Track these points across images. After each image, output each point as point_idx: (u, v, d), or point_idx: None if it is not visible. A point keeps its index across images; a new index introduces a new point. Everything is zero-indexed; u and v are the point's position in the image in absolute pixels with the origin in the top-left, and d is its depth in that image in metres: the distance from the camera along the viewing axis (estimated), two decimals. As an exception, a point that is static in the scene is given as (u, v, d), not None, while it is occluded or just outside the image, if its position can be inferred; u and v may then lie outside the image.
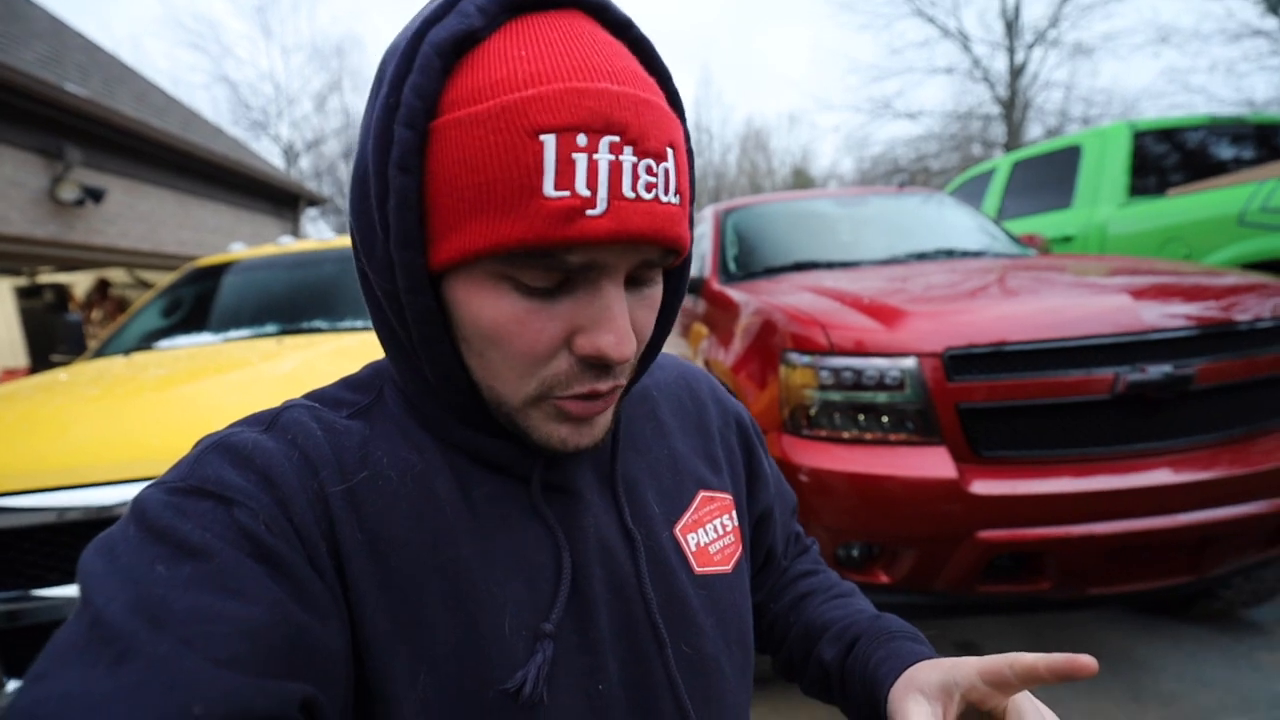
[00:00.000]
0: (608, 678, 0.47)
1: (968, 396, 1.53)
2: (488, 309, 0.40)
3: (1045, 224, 3.93)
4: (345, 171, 23.55)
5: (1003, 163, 4.63)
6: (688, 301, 3.17)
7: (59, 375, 2.15)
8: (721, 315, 2.38)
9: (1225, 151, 3.79)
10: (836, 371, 1.60)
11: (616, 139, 0.37)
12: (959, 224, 3.04)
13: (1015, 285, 1.88)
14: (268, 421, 0.45)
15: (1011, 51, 17.16)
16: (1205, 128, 3.75)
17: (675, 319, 0.51)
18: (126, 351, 2.42)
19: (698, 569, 0.54)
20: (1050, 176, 4.07)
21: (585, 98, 0.36)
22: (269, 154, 19.86)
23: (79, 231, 6.02)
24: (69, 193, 5.71)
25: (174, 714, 0.30)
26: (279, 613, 0.35)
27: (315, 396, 0.49)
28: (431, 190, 0.39)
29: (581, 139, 0.36)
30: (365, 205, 0.41)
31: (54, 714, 0.30)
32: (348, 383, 0.52)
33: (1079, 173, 3.81)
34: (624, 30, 0.42)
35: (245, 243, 4.08)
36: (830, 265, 2.60)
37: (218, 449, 0.41)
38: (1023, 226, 4.12)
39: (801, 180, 31.23)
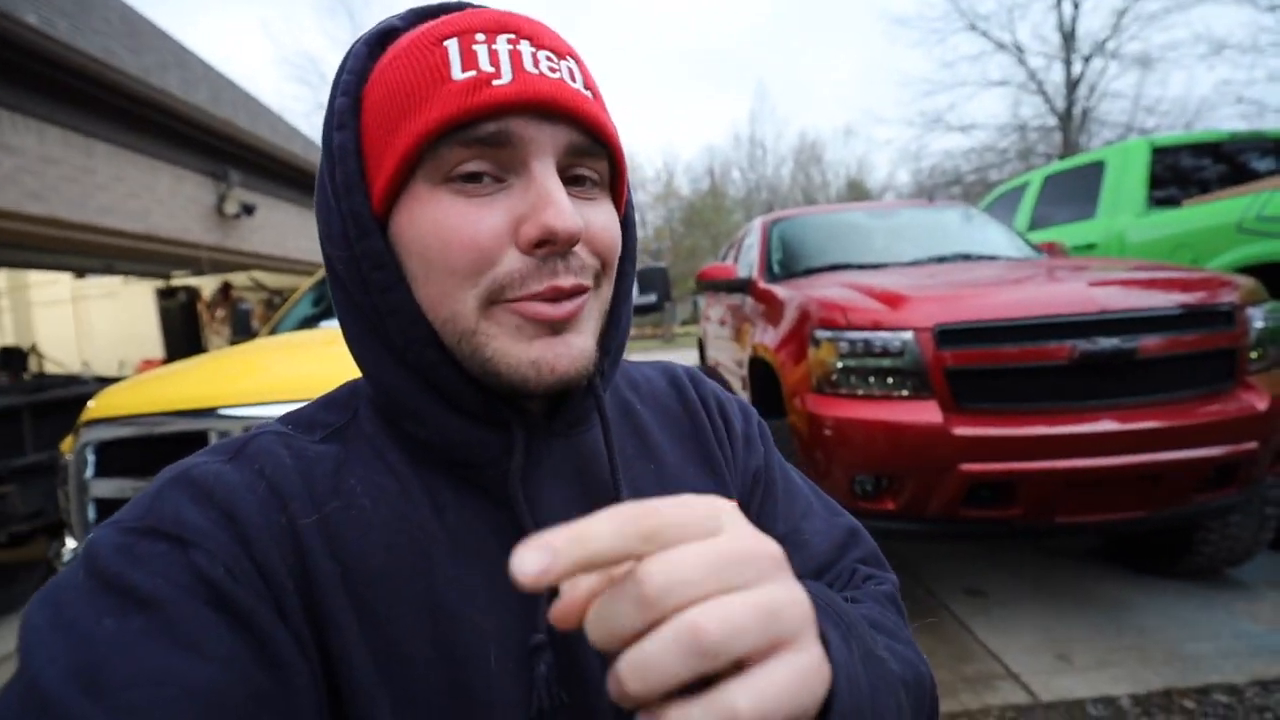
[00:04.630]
0: (599, 701, 0.43)
1: (952, 361, 1.98)
2: (428, 218, 0.41)
3: (1072, 233, 4.24)
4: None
5: (1035, 176, 4.95)
6: (736, 300, 3.66)
7: (252, 344, 2.72)
8: (766, 308, 2.88)
9: (1247, 165, 4.04)
10: (852, 343, 2.08)
11: (512, 36, 0.41)
12: (980, 232, 3.46)
13: (1006, 279, 2.31)
14: (234, 450, 0.43)
15: (1068, 63, 17.04)
16: (1224, 143, 4.03)
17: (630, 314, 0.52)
18: (294, 329, 3.04)
19: None
20: (1078, 189, 4.38)
21: (480, 14, 0.42)
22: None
23: (234, 239, 7.35)
24: (232, 207, 7.07)
25: None
26: (236, 671, 0.33)
27: (290, 419, 0.48)
28: (366, 139, 0.43)
29: (480, 36, 0.41)
30: (322, 196, 0.44)
31: None
32: (325, 402, 0.50)
33: (1102, 185, 4.14)
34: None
35: None
36: (861, 267, 3.06)
37: (177, 483, 0.39)
38: (1052, 235, 4.43)
39: (857, 192, 30.84)
